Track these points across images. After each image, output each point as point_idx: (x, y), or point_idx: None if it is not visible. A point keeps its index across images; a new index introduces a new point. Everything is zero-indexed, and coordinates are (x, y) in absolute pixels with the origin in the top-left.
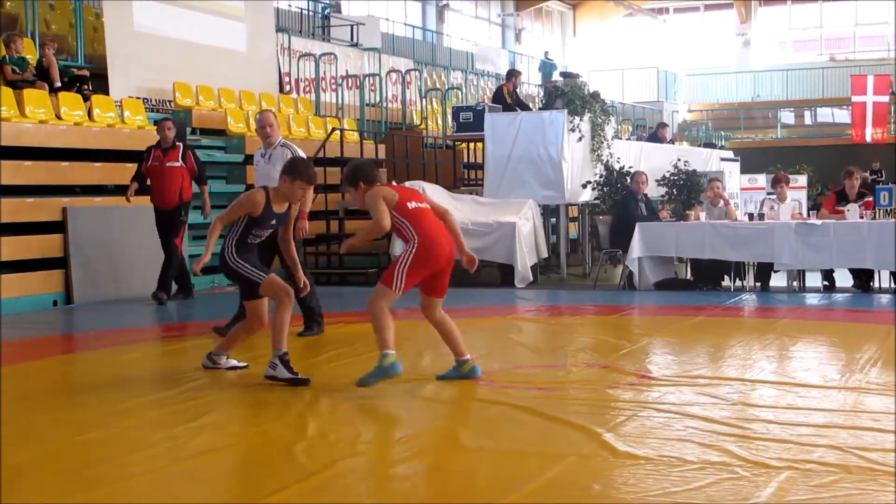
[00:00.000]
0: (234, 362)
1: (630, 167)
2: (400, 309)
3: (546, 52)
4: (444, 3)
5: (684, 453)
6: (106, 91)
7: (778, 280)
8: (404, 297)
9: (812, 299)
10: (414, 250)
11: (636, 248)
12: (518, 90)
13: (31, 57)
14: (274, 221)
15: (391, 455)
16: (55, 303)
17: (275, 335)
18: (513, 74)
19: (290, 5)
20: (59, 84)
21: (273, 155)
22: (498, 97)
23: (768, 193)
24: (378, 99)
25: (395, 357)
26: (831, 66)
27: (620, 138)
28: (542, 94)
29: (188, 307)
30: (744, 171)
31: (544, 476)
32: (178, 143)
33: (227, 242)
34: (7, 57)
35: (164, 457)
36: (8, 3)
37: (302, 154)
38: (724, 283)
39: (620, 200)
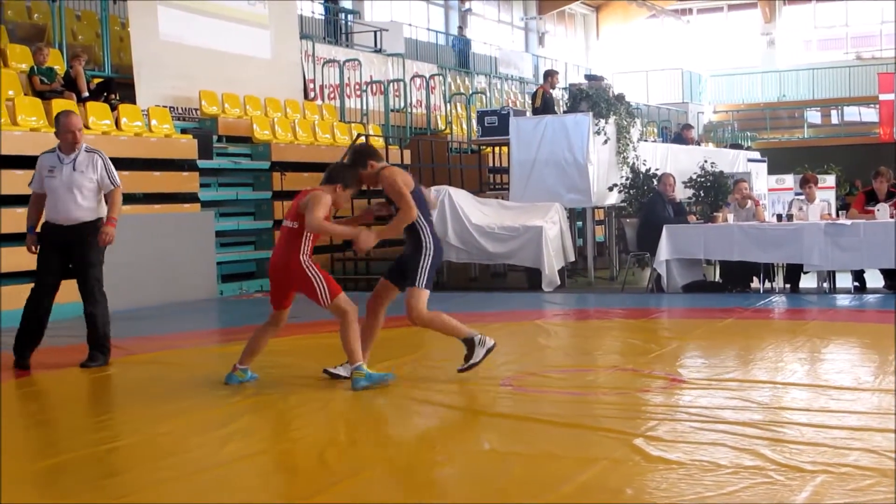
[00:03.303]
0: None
1: (656, 169)
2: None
3: (460, 28)
4: (467, 7)
5: (717, 457)
6: (133, 100)
7: (808, 281)
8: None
9: (843, 300)
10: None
11: (664, 250)
12: (553, 91)
13: (59, 67)
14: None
15: (421, 460)
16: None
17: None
18: (549, 75)
19: (313, 12)
20: (86, 94)
21: (78, 161)
22: (548, 99)
23: (796, 194)
24: (403, 104)
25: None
26: (857, 65)
27: (646, 140)
28: (566, 97)
29: (212, 313)
30: (771, 171)
31: (576, 480)
32: None
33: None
34: (35, 68)
35: (193, 463)
36: (35, 15)
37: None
38: (753, 285)
39: (647, 203)
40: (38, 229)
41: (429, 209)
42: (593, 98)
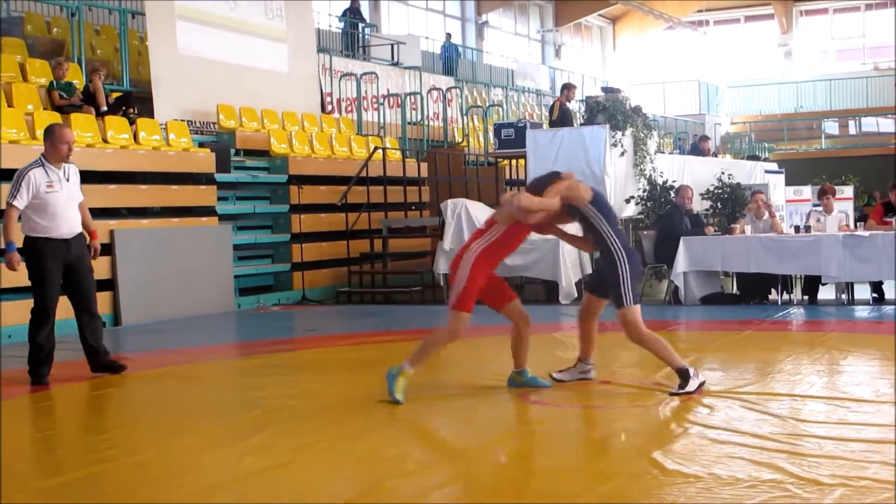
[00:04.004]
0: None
1: (673, 181)
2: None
3: (448, 35)
4: (484, 20)
5: (735, 471)
6: (151, 114)
7: (826, 293)
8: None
9: (861, 312)
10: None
11: (681, 262)
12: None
13: (78, 82)
14: None
15: (440, 473)
16: (104, 324)
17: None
18: (567, 87)
19: (330, 25)
20: (105, 108)
21: (70, 173)
22: (566, 111)
23: (814, 205)
24: (419, 117)
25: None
26: (875, 75)
27: (663, 152)
28: (583, 109)
29: (229, 327)
30: (788, 182)
31: (594, 493)
32: None
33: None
34: (54, 82)
35: (212, 477)
36: (55, 30)
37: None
38: (771, 297)
39: (665, 214)
40: (27, 245)
41: (615, 221)
42: (610, 110)
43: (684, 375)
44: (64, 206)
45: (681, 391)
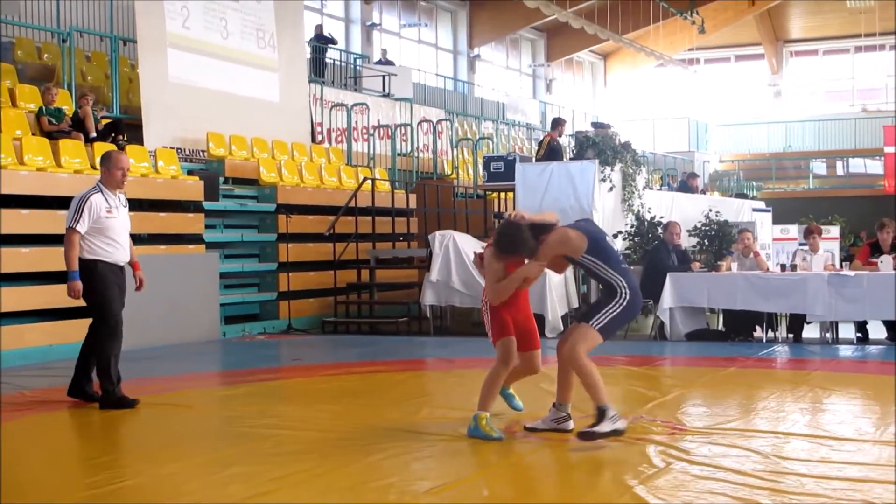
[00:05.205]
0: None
1: (661, 217)
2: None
3: (384, 51)
4: (476, 53)
5: None
6: (140, 141)
7: (811, 331)
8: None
9: (845, 351)
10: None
11: (667, 298)
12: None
13: (68, 108)
14: None
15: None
16: None
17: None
18: (558, 123)
19: (332, 59)
20: (94, 135)
21: (123, 200)
22: (554, 147)
23: (800, 244)
24: (409, 148)
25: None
26: (863, 117)
27: (652, 188)
28: (572, 143)
29: (215, 355)
30: (776, 221)
31: None
32: None
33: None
34: (43, 108)
35: None
36: (45, 55)
37: None
38: (756, 334)
39: (652, 250)
40: (87, 267)
41: (619, 260)
42: (599, 145)
43: (601, 413)
44: (121, 232)
45: (591, 430)
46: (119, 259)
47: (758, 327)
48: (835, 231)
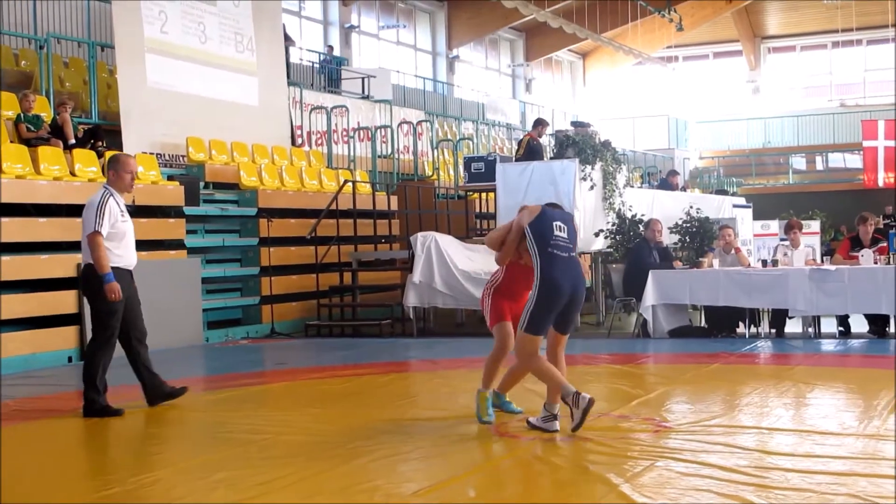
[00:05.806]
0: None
1: (642, 215)
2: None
3: (330, 48)
4: (455, 54)
5: (702, 503)
6: (120, 147)
7: (793, 326)
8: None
9: (828, 345)
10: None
11: (650, 295)
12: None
13: (46, 114)
14: None
15: None
16: (70, 359)
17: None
18: (539, 123)
19: (301, 59)
20: (73, 141)
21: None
22: (534, 147)
23: (781, 239)
24: (390, 150)
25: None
26: (841, 112)
27: (632, 186)
28: (552, 143)
29: (198, 360)
30: (756, 217)
31: None
32: None
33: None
34: (22, 115)
35: None
36: (23, 62)
37: None
38: (738, 331)
39: (634, 248)
40: (96, 272)
41: (549, 243)
42: (580, 144)
43: (548, 414)
44: (131, 236)
45: (535, 423)
46: (130, 263)
47: (740, 323)
48: (815, 226)
